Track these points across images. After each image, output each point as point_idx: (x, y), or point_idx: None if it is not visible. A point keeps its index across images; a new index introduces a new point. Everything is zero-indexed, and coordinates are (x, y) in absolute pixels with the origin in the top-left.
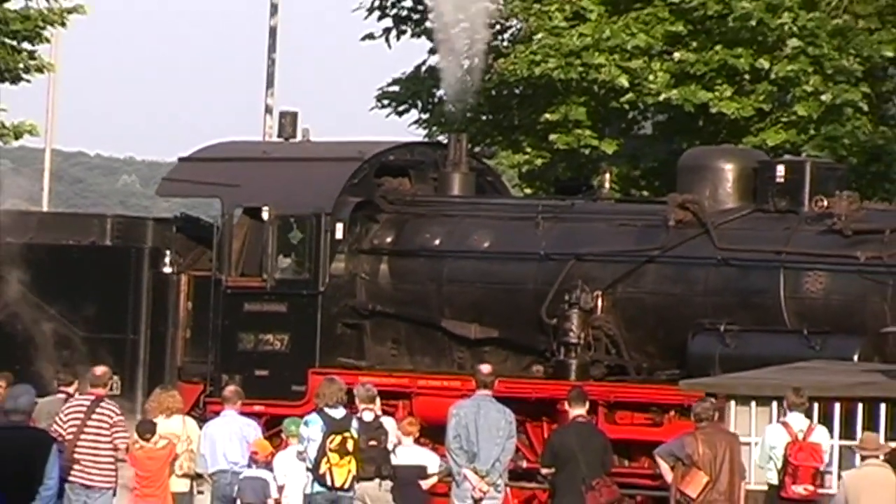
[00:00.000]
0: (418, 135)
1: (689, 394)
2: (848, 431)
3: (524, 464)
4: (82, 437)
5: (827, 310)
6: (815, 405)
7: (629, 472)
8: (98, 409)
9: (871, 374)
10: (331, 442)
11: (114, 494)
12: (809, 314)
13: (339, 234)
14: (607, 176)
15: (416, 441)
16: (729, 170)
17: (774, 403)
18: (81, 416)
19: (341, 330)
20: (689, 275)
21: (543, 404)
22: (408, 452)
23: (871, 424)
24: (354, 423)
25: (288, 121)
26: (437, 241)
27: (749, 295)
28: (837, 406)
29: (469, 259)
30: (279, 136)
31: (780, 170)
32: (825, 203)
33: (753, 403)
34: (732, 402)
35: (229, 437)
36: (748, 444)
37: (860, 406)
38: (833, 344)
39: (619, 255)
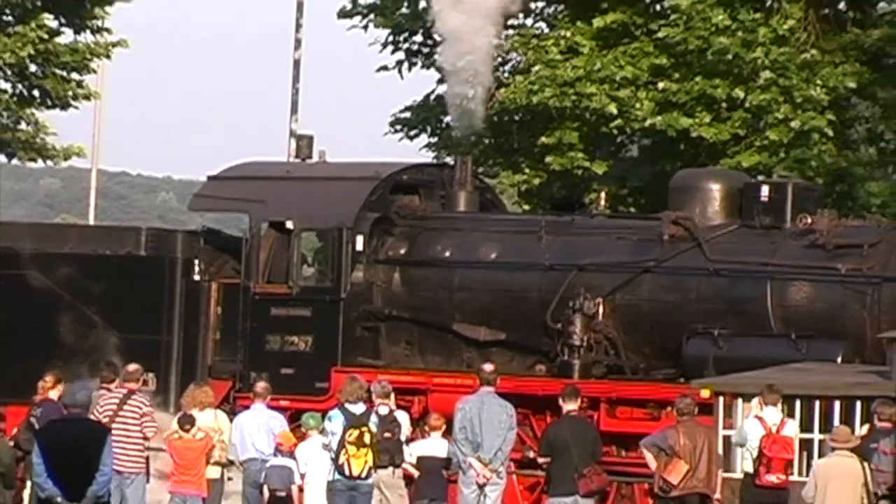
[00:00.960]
0: (427, 157)
1: (683, 391)
2: (827, 426)
3: (531, 454)
4: (114, 426)
5: (811, 316)
6: (817, 403)
7: (626, 461)
8: (129, 402)
9: (866, 374)
10: (349, 435)
11: (147, 481)
12: (794, 320)
13: (359, 246)
14: (603, 195)
15: (443, 435)
16: (717, 190)
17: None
18: (114, 407)
19: (360, 332)
20: (682, 284)
21: (548, 400)
22: (434, 445)
23: (847, 419)
24: (374, 418)
25: (304, 143)
26: (447, 253)
27: (738, 303)
28: (837, 404)
29: (478, 269)
30: (296, 157)
31: (765, 190)
32: (809, 220)
33: (740, 400)
34: (739, 400)
35: (258, 428)
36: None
37: (837, 403)
38: (817, 347)
39: (617, 266)
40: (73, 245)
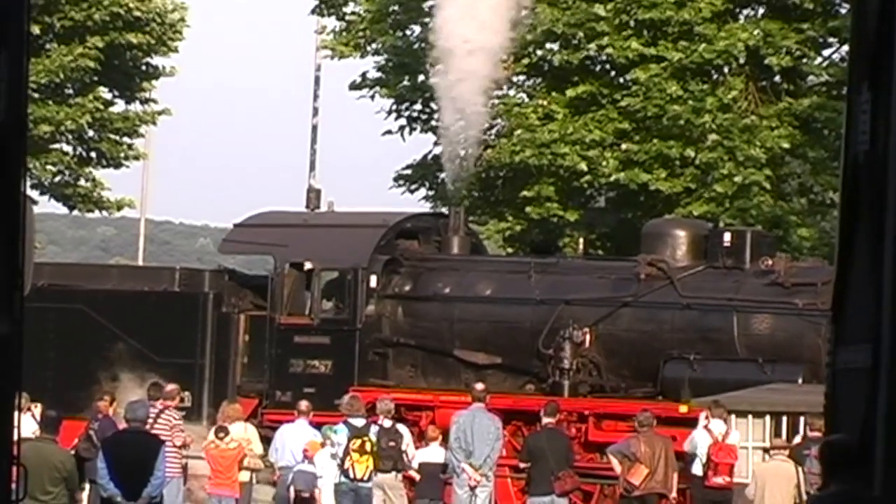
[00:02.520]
0: (425, 207)
1: (661, 406)
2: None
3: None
4: None
5: (772, 344)
6: (784, 418)
7: (609, 466)
8: (163, 415)
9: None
10: (353, 444)
11: (184, 483)
12: (758, 347)
13: (373, 284)
14: (581, 241)
15: (440, 444)
16: (683, 236)
17: (767, 417)
18: (151, 420)
19: (371, 357)
20: (657, 316)
21: (537, 414)
22: (432, 452)
23: (792, 431)
24: (374, 429)
25: (313, 195)
26: (447, 290)
27: (708, 332)
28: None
29: (475, 303)
30: (306, 207)
31: (727, 236)
32: (770, 262)
33: (750, 416)
34: (733, 416)
35: (297, 440)
36: (745, 448)
37: (784, 417)
38: (780, 370)
39: (599, 301)
40: (116, 283)
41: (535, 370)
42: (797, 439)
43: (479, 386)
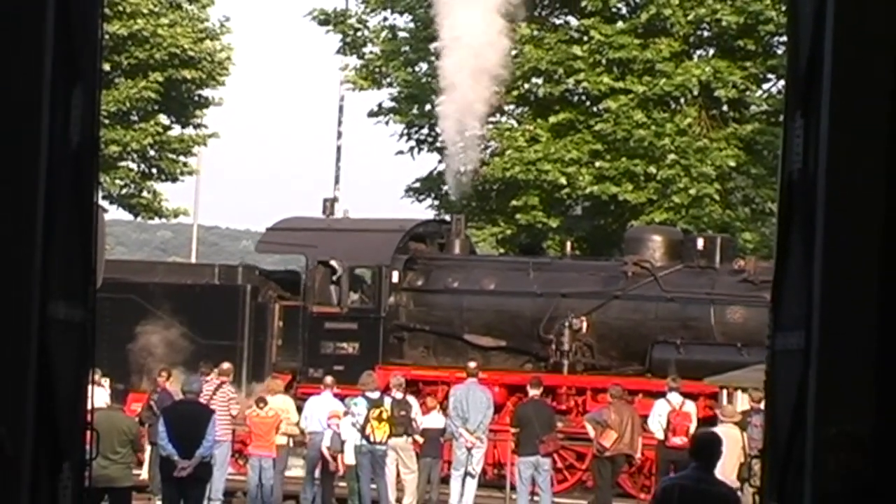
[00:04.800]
0: (429, 214)
1: (649, 383)
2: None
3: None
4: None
5: (744, 331)
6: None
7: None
8: (221, 389)
9: None
10: (373, 413)
11: (233, 446)
12: (732, 334)
13: (395, 279)
14: (569, 244)
15: (439, 412)
16: (660, 241)
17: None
18: (210, 393)
19: (391, 340)
20: (643, 307)
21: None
22: (432, 419)
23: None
24: (388, 400)
25: (329, 204)
26: (455, 284)
27: (688, 321)
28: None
29: (481, 296)
30: (322, 213)
31: (700, 241)
32: (742, 262)
33: (739, 392)
34: (738, 391)
35: (323, 409)
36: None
37: (739, 390)
38: (755, 353)
39: (592, 295)
40: (162, 276)
41: (535, 352)
42: (686, 404)
43: (473, 364)
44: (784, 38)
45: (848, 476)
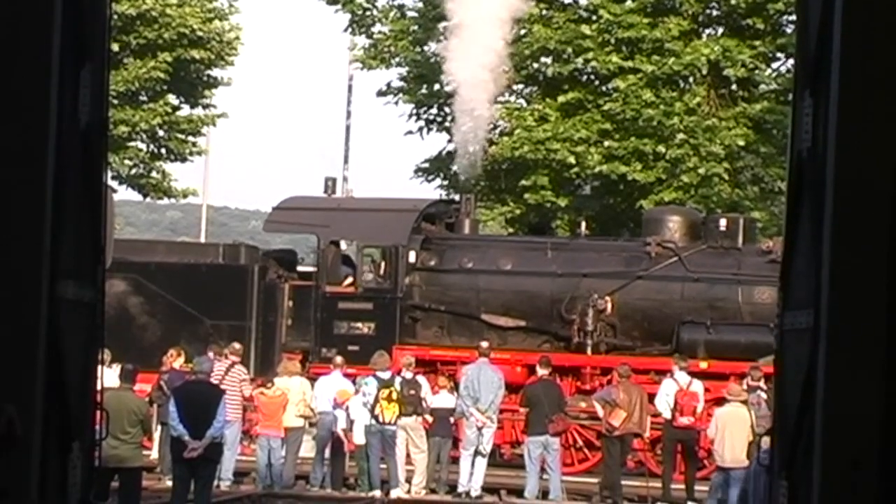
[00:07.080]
0: (439, 195)
1: (673, 363)
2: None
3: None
4: (221, 387)
5: (772, 312)
6: None
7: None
8: (233, 370)
9: None
10: (382, 394)
11: (243, 425)
12: (760, 314)
13: (412, 259)
14: (584, 224)
15: (449, 391)
16: (678, 221)
17: None
18: (223, 373)
19: (407, 321)
20: (668, 288)
21: (564, 368)
22: (443, 399)
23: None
24: (398, 380)
25: (331, 184)
26: (470, 264)
27: (715, 301)
28: None
29: (499, 276)
30: (324, 192)
31: (723, 222)
32: (771, 243)
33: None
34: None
35: (332, 389)
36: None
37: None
38: None
39: (614, 275)
40: (164, 256)
41: (554, 331)
42: (693, 384)
43: (485, 344)
44: (793, 17)
45: (857, 454)
